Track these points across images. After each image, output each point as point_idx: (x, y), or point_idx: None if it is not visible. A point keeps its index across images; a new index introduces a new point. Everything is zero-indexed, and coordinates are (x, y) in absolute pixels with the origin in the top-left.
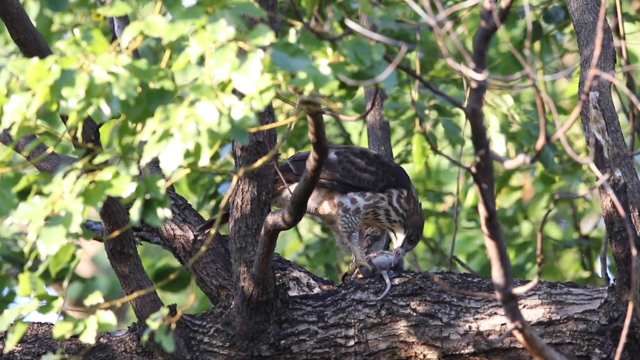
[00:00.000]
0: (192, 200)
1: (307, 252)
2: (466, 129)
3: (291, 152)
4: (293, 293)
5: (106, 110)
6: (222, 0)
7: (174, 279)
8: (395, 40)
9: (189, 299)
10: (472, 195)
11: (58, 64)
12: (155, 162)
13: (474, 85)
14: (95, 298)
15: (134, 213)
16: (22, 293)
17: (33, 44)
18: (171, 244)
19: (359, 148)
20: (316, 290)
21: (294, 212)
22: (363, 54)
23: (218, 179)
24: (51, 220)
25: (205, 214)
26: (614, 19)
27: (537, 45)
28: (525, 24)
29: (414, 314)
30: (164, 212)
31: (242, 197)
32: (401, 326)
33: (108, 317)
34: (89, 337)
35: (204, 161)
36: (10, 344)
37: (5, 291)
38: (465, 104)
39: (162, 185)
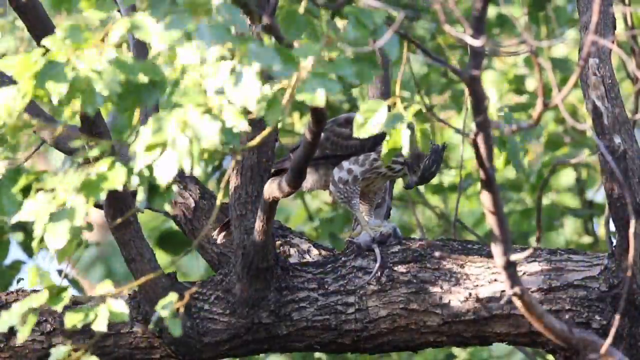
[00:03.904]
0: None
1: (312, 221)
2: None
3: (296, 116)
4: (293, 260)
5: (91, 104)
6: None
7: (175, 244)
8: (399, 8)
9: (189, 265)
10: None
11: (45, 57)
12: None
13: (472, 51)
14: (105, 287)
15: (140, 201)
16: (31, 284)
17: (32, 11)
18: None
19: (343, 117)
20: (316, 257)
21: (293, 180)
22: (365, 18)
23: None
24: (55, 215)
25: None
26: None
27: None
28: None
29: (414, 280)
30: (170, 197)
31: (242, 165)
32: (401, 293)
33: (119, 306)
34: (101, 325)
35: (197, 172)
36: (22, 336)
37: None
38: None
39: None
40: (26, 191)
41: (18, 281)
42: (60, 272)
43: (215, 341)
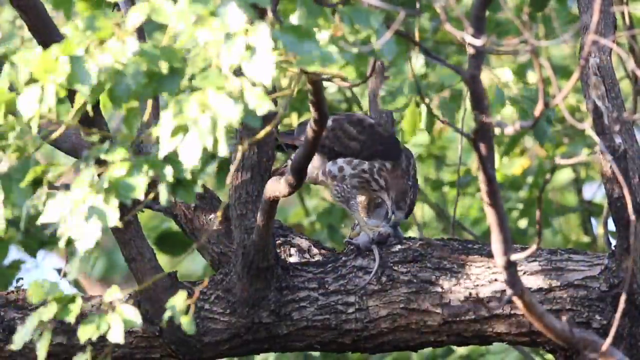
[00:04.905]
0: None
1: (310, 216)
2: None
3: (294, 116)
4: (294, 260)
5: (118, 98)
6: None
7: (173, 245)
8: (398, 6)
9: (190, 265)
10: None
11: (63, 53)
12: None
13: (472, 50)
14: (113, 293)
15: (163, 197)
16: (35, 300)
17: (33, 10)
18: (172, 211)
19: (357, 116)
20: (317, 256)
21: (293, 179)
22: (361, 21)
23: None
24: (85, 216)
25: (207, 179)
26: None
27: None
28: None
29: (415, 280)
30: (195, 190)
31: (242, 164)
32: (402, 293)
33: (131, 313)
34: (116, 336)
35: (223, 152)
36: (42, 355)
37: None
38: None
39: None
40: (36, 184)
41: (17, 280)
42: (59, 270)
43: (216, 341)
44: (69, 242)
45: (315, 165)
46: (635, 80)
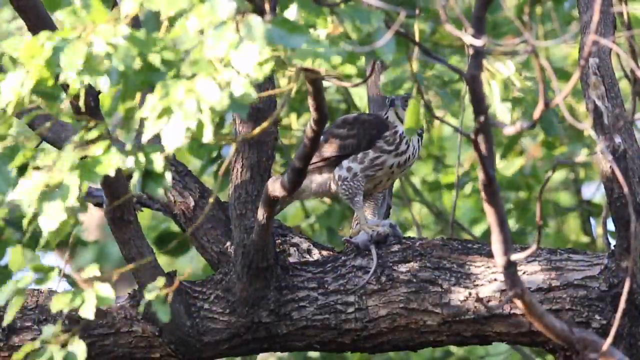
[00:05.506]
0: (195, 163)
1: (309, 217)
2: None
3: (293, 117)
4: (293, 259)
5: (105, 81)
6: None
7: (175, 244)
8: (398, 6)
9: (189, 266)
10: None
11: (57, 35)
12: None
13: (472, 51)
14: (92, 270)
15: (134, 185)
16: (13, 266)
17: (33, 10)
18: (172, 211)
19: (340, 119)
20: (316, 256)
21: (293, 179)
22: (362, 21)
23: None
24: (49, 194)
25: (208, 180)
26: None
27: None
28: None
29: (414, 280)
30: (164, 184)
31: (242, 164)
32: (401, 292)
33: (106, 291)
34: (88, 312)
35: (207, 137)
36: (9, 317)
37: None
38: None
39: (160, 157)
40: (23, 170)
41: None
42: (58, 271)
43: (215, 340)
44: (31, 222)
45: (325, 178)
46: (634, 80)
